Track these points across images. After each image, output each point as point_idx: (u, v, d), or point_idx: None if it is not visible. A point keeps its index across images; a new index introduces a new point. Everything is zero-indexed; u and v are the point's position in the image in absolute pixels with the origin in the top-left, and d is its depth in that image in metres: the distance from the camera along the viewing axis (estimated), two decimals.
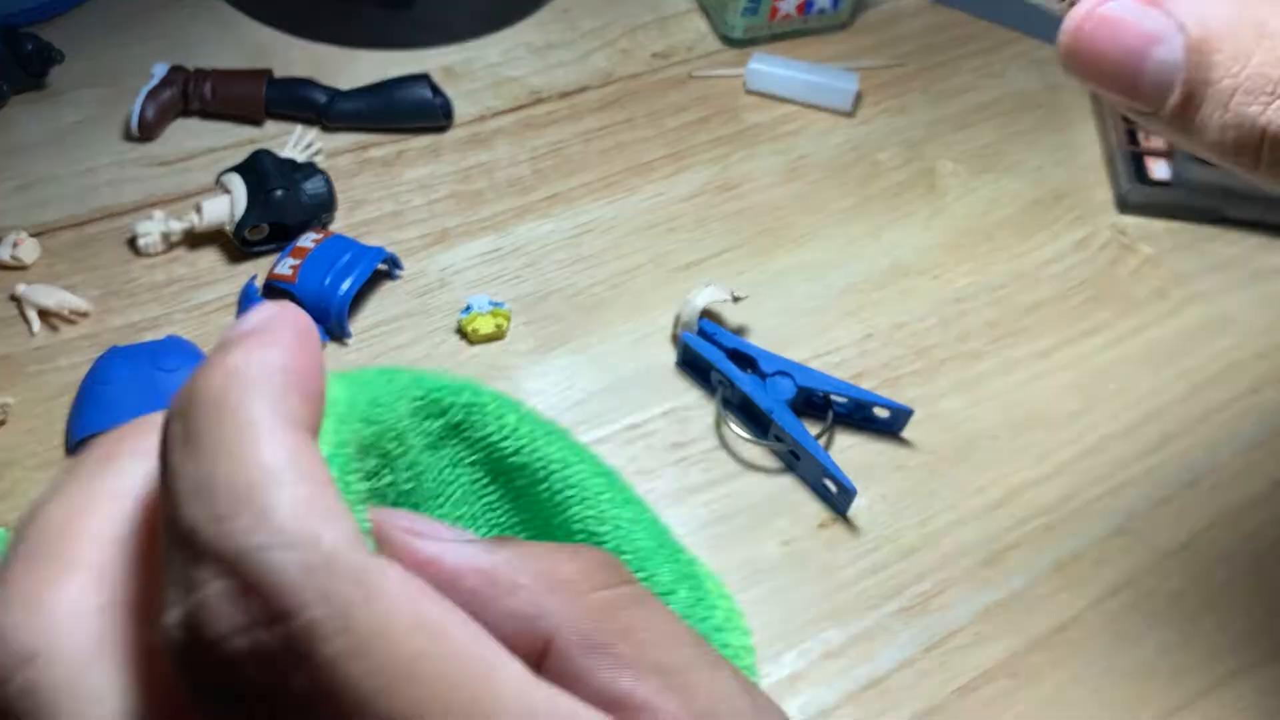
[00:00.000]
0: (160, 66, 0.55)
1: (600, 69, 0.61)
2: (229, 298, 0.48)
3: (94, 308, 0.47)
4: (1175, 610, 0.41)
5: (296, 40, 0.60)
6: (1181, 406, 0.48)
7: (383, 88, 0.56)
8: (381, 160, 0.55)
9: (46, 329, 0.47)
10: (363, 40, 0.60)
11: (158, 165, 0.54)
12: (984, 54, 0.65)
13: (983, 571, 0.42)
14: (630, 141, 0.57)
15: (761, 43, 0.63)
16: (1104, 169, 0.58)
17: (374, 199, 0.53)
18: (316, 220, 0.51)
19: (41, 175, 0.52)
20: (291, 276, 0.47)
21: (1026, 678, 0.39)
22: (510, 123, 0.58)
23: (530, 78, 0.60)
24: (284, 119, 0.56)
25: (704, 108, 0.60)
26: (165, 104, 0.54)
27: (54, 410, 0.44)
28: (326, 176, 0.51)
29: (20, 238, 0.49)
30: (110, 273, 0.49)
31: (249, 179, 0.49)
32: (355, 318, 0.48)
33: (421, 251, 0.51)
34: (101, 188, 0.52)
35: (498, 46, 0.62)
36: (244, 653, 0.14)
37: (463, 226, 0.53)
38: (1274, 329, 0.52)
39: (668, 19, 0.65)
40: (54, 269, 0.49)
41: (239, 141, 0.55)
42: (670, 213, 0.54)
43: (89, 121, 0.55)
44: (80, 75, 0.57)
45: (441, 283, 0.50)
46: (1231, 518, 0.44)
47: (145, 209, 0.51)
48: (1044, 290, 0.52)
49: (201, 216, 0.49)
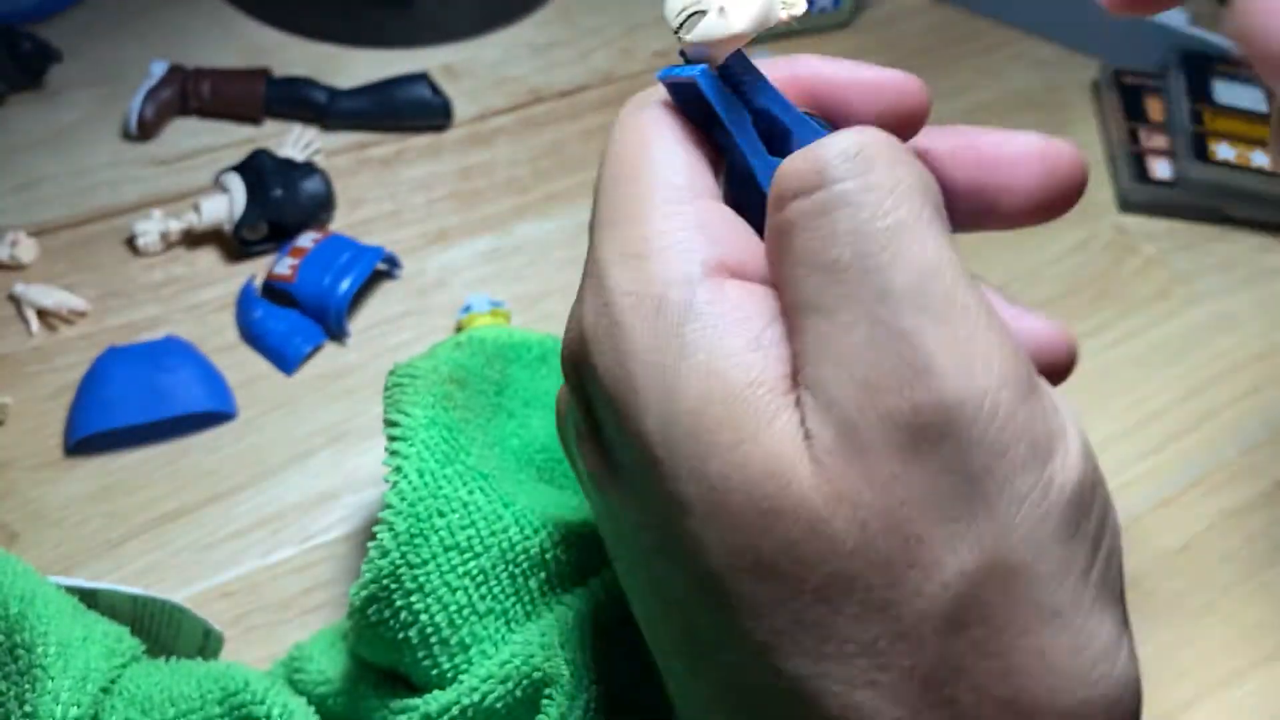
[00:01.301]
0: (159, 66, 0.55)
1: (601, 68, 0.61)
2: (228, 297, 0.48)
3: (92, 307, 0.47)
4: (1176, 611, 0.41)
5: (295, 39, 0.60)
6: (1183, 406, 0.48)
7: (382, 87, 0.56)
8: (381, 159, 0.55)
9: (45, 329, 0.47)
10: (362, 39, 0.60)
11: (156, 165, 0.53)
12: (984, 54, 0.65)
13: None
14: None
15: (762, 43, 0.63)
16: (1105, 168, 0.58)
17: (373, 198, 0.53)
18: (315, 220, 0.50)
19: (39, 175, 0.52)
20: (290, 276, 0.47)
21: None
22: (510, 122, 0.58)
23: (530, 77, 0.60)
24: (283, 118, 0.56)
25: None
26: (164, 103, 0.54)
27: (53, 410, 0.44)
28: (325, 176, 0.50)
29: (18, 237, 0.48)
30: (109, 272, 0.49)
31: (248, 178, 0.49)
32: (354, 317, 0.48)
33: (421, 251, 0.51)
34: (100, 187, 0.52)
35: (498, 45, 0.61)
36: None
37: (462, 226, 0.52)
38: (1276, 329, 0.52)
39: None
40: (52, 269, 0.49)
41: (238, 141, 0.55)
42: None
43: (87, 121, 0.55)
44: (78, 75, 0.57)
45: (441, 282, 0.50)
46: (1233, 518, 0.44)
47: (144, 208, 0.51)
48: (1045, 290, 0.52)
49: (200, 216, 0.49)
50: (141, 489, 0.42)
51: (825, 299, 0.21)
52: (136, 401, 0.43)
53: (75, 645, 0.29)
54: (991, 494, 0.19)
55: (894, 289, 0.20)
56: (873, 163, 0.21)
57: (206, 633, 0.35)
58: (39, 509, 0.41)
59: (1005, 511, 0.19)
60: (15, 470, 0.42)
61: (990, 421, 0.19)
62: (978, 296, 0.21)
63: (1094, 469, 0.21)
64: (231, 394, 0.45)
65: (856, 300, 0.20)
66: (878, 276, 0.20)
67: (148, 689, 0.29)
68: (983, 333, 0.20)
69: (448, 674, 0.30)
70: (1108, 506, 0.21)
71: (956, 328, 0.20)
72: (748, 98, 0.24)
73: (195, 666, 0.30)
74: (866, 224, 0.21)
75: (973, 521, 0.19)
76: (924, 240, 0.21)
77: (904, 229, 0.21)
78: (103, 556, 0.40)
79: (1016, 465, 0.20)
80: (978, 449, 0.19)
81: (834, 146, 0.21)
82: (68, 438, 0.43)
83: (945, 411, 0.19)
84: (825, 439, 0.20)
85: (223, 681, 0.29)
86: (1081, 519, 0.20)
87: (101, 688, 0.28)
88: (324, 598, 0.40)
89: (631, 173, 0.24)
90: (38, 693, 0.27)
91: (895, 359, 0.20)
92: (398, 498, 0.30)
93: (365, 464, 0.43)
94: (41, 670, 0.28)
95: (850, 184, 0.21)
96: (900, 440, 0.20)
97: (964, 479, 0.19)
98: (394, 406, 0.33)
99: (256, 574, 0.40)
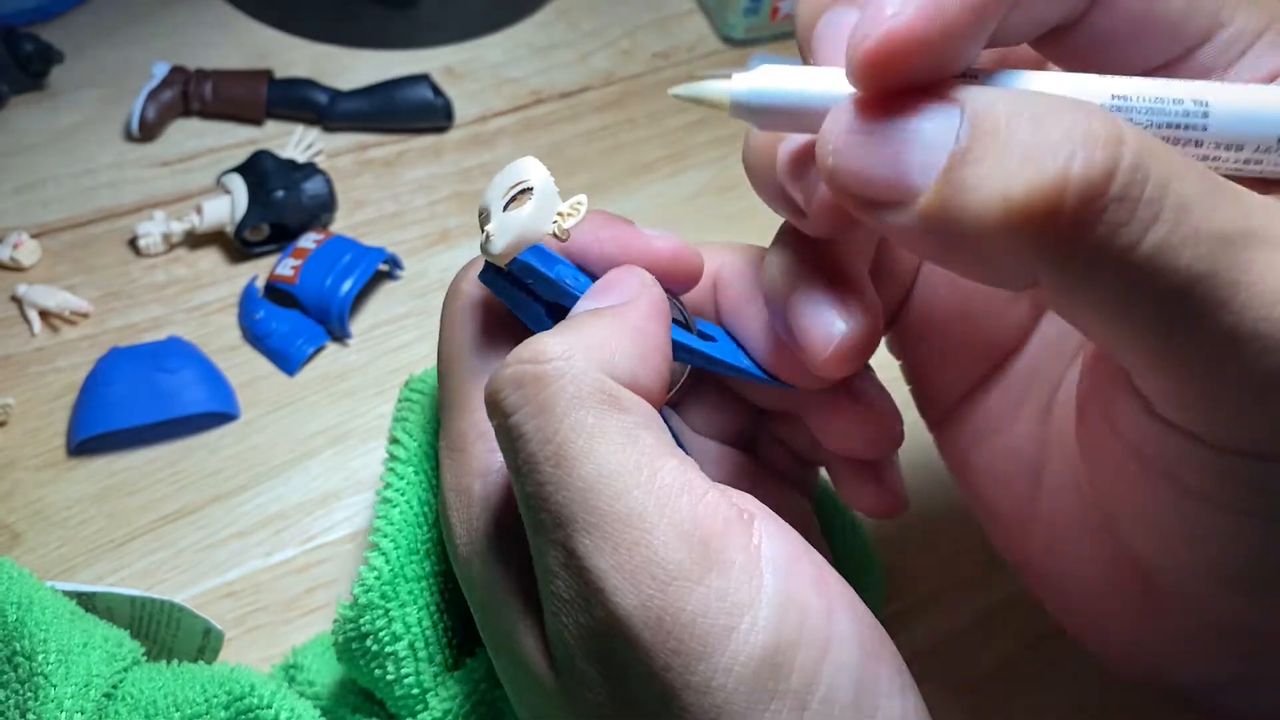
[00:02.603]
0: (161, 67, 0.55)
1: (601, 69, 0.61)
2: (230, 298, 0.48)
3: (95, 308, 0.47)
4: None
5: (297, 40, 0.60)
6: None
7: (383, 88, 0.56)
8: (382, 161, 0.55)
9: (47, 330, 0.47)
10: (363, 40, 0.60)
11: (158, 166, 0.54)
12: None
13: (983, 573, 0.41)
14: (631, 142, 0.57)
15: (762, 43, 0.63)
16: None
17: (375, 199, 0.53)
18: (317, 221, 0.51)
19: (41, 176, 0.52)
20: (292, 277, 0.47)
21: (1027, 679, 0.39)
22: (511, 123, 0.58)
23: (531, 78, 0.60)
24: (285, 119, 0.56)
25: (704, 108, 0.59)
26: (166, 104, 0.54)
27: (55, 411, 0.44)
28: (327, 177, 0.51)
29: (20, 239, 0.49)
30: (111, 273, 0.49)
31: (249, 179, 0.49)
32: (356, 318, 0.48)
33: (423, 252, 0.51)
34: (102, 188, 0.52)
35: (499, 47, 0.62)
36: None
37: (464, 227, 0.53)
38: None
39: (668, 19, 0.65)
40: (54, 270, 0.49)
41: (239, 142, 0.55)
42: (671, 213, 0.54)
43: (89, 122, 0.55)
44: (80, 75, 0.57)
45: (443, 283, 0.50)
46: None
47: (146, 210, 0.51)
48: None
49: (202, 217, 0.49)
50: (144, 489, 0.42)
51: (530, 520, 0.23)
52: (139, 402, 0.43)
53: (76, 651, 0.29)
54: (676, 687, 0.21)
55: (563, 514, 0.22)
56: (536, 384, 0.22)
57: (206, 631, 0.35)
58: (42, 509, 0.41)
59: (692, 701, 0.21)
60: (18, 471, 0.42)
61: (659, 626, 0.21)
62: (648, 491, 0.21)
63: (795, 624, 0.21)
64: (234, 395, 0.45)
65: (540, 528, 0.22)
66: (550, 504, 0.22)
67: (151, 693, 0.29)
68: (646, 535, 0.21)
69: (419, 700, 0.30)
70: (826, 649, 0.21)
71: (620, 539, 0.21)
72: (534, 289, 0.27)
73: (199, 670, 0.30)
74: (534, 454, 0.22)
75: (667, 716, 0.21)
76: (586, 455, 0.22)
77: (565, 450, 0.22)
78: (105, 557, 0.40)
79: (691, 657, 0.21)
80: (656, 652, 0.21)
81: (504, 373, 0.23)
82: (70, 438, 0.43)
83: (620, 624, 0.21)
84: (555, 646, 0.23)
85: (228, 686, 0.29)
86: (777, 680, 0.21)
87: (104, 693, 0.28)
88: (326, 598, 0.40)
89: (448, 364, 0.27)
90: (40, 700, 0.27)
91: (578, 580, 0.21)
92: (387, 523, 0.30)
93: (367, 464, 0.43)
94: (43, 678, 0.28)
95: (518, 416, 0.22)
96: (598, 650, 0.22)
97: (652, 677, 0.21)
98: (400, 425, 0.34)
99: (259, 574, 0.40)
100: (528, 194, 0.25)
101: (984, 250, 0.19)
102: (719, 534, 0.21)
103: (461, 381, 0.27)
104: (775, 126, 0.23)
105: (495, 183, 0.26)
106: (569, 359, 0.23)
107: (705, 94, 0.23)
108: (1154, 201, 0.18)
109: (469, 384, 0.27)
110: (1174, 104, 0.20)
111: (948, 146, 0.19)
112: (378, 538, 0.30)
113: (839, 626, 0.22)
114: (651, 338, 0.24)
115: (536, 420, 0.22)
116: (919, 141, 0.19)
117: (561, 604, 0.22)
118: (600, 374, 0.23)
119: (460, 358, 0.27)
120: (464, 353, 0.27)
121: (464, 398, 0.26)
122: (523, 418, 0.22)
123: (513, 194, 0.25)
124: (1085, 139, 0.18)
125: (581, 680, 0.22)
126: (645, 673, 0.21)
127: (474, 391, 0.26)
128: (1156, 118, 0.20)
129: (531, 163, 0.26)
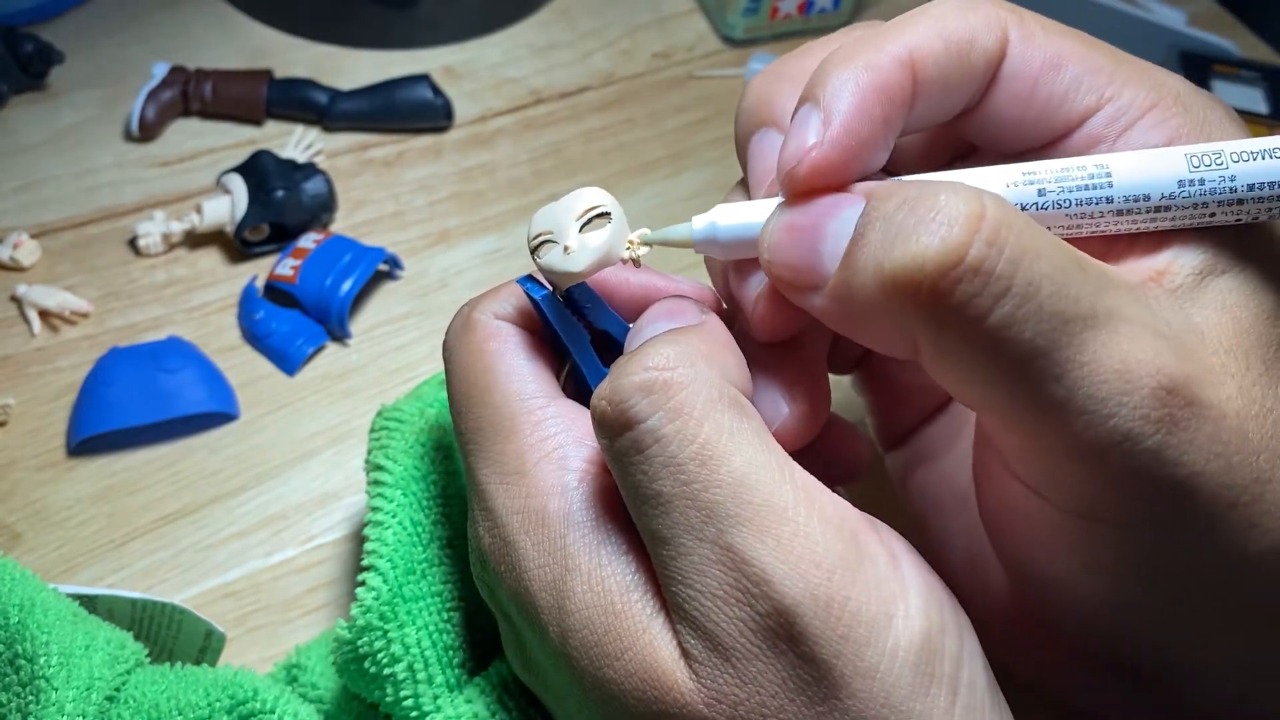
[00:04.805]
0: (160, 67, 0.55)
1: (601, 69, 0.61)
2: (230, 298, 0.48)
3: (95, 308, 0.47)
4: None
5: (297, 40, 0.60)
6: None
7: (383, 88, 0.56)
8: (382, 160, 0.55)
9: (47, 330, 0.47)
10: (363, 40, 0.60)
11: (158, 166, 0.53)
12: None
13: None
14: (630, 141, 0.57)
15: (762, 43, 0.63)
16: None
17: (375, 199, 0.53)
18: (317, 221, 0.51)
19: (41, 176, 0.52)
20: (292, 277, 0.47)
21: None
22: (511, 123, 0.58)
23: (531, 78, 0.60)
24: (284, 119, 0.56)
25: (704, 108, 0.59)
26: (166, 104, 0.54)
27: (55, 411, 0.44)
28: (327, 177, 0.51)
29: (20, 239, 0.49)
30: (111, 273, 0.49)
31: (249, 179, 0.49)
32: (356, 318, 0.48)
33: (423, 252, 0.51)
34: (102, 188, 0.52)
35: (498, 46, 0.62)
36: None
37: (464, 227, 0.53)
38: None
39: (668, 19, 0.65)
40: (54, 270, 0.49)
41: (239, 142, 0.55)
42: (671, 213, 0.54)
43: (89, 122, 0.55)
44: (80, 75, 0.57)
45: (443, 283, 0.50)
46: None
47: (146, 210, 0.51)
48: None
49: (202, 217, 0.49)
50: (144, 490, 0.42)
51: (661, 528, 0.23)
52: (139, 402, 0.43)
53: (78, 654, 0.28)
54: (845, 674, 0.21)
55: (715, 511, 0.22)
56: (668, 390, 0.23)
57: (208, 633, 0.35)
58: (42, 510, 0.41)
59: (861, 687, 0.21)
60: (18, 471, 0.42)
61: (827, 613, 0.21)
62: (794, 487, 0.22)
63: (938, 611, 0.23)
64: (234, 395, 0.45)
65: (686, 527, 0.22)
66: (698, 502, 0.22)
67: (154, 697, 0.29)
68: (803, 527, 0.22)
69: (424, 717, 0.30)
70: (962, 637, 0.23)
71: (779, 532, 0.22)
72: (589, 320, 0.28)
73: (202, 673, 0.30)
74: (676, 455, 0.22)
75: (835, 702, 0.21)
76: (731, 453, 0.22)
77: (710, 450, 0.22)
78: (105, 557, 0.40)
79: (860, 643, 0.21)
80: (822, 640, 0.21)
81: (630, 381, 0.23)
82: (70, 439, 0.43)
83: (787, 614, 0.21)
84: (695, 646, 0.22)
85: (231, 689, 0.29)
86: (934, 665, 0.22)
87: (106, 696, 0.28)
88: (326, 598, 0.40)
89: (483, 390, 0.27)
90: (41, 704, 0.27)
91: (734, 574, 0.22)
92: (382, 544, 0.30)
93: None
94: (45, 681, 0.27)
95: (653, 420, 0.23)
96: (757, 644, 0.22)
97: (817, 667, 0.21)
98: (382, 452, 0.33)
99: (259, 574, 0.40)
100: (603, 219, 0.26)
101: (874, 321, 0.22)
102: (861, 528, 0.23)
103: (502, 409, 0.26)
104: (731, 255, 0.26)
105: (563, 206, 0.26)
106: (695, 365, 0.23)
107: (671, 237, 0.26)
108: (1004, 277, 0.20)
109: (514, 409, 0.26)
110: (1079, 169, 0.23)
111: (849, 235, 0.22)
112: (373, 559, 0.30)
113: (964, 614, 0.23)
114: (738, 353, 0.25)
115: (675, 423, 0.22)
116: (829, 233, 0.23)
117: (715, 601, 0.22)
118: (724, 380, 0.24)
119: (495, 386, 0.27)
120: (501, 380, 0.27)
121: (512, 423, 0.26)
122: (659, 421, 0.22)
123: (589, 217, 0.26)
124: (948, 217, 0.20)
125: (738, 678, 0.22)
126: (813, 661, 0.21)
127: (523, 416, 0.26)
128: (1066, 182, 0.23)
129: (601, 191, 0.26)
